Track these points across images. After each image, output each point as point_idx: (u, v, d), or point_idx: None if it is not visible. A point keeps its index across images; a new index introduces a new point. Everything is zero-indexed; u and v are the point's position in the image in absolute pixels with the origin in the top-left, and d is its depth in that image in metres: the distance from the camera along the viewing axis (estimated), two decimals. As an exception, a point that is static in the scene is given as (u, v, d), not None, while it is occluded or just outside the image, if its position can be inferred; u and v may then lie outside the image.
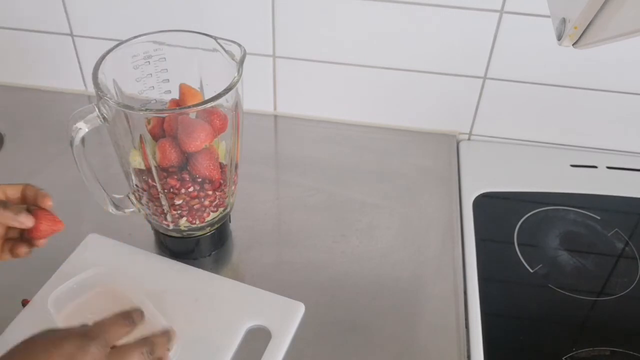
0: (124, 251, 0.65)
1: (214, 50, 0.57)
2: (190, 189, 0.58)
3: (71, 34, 0.84)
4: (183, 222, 0.61)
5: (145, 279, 0.62)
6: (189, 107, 0.55)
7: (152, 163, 0.56)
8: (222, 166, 0.59)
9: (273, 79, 0.84)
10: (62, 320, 0.56)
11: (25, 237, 0.52)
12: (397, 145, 0.84)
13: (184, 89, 0.58)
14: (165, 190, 0.57)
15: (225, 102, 0.54)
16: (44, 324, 0.56)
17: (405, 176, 0.78)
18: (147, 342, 0.47)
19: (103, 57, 0.55)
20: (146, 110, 0.52)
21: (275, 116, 0.88)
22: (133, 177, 0.59)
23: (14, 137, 0.82)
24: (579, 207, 0.76)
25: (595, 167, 0.82)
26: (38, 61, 0.88)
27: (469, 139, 0.86)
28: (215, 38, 0.57)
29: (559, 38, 0.38)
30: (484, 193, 0.77)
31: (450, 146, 0.84)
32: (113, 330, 0.46)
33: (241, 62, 0.55)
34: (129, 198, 0.62)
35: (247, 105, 0.61)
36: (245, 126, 0.61)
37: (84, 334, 0.44)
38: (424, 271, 0.66)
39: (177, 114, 0.55)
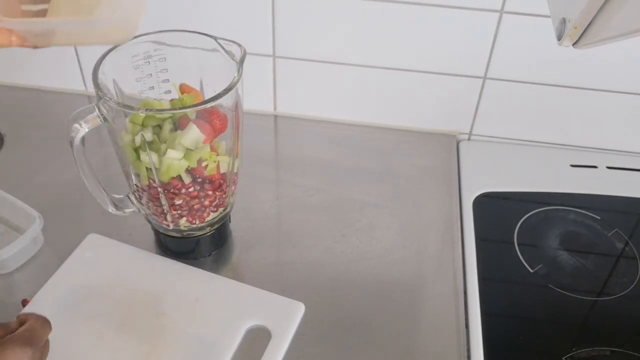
0: (124, 251, 0.65)
1: (214, 50, 0.57)
2: (191, 189, 0.58)
3: (71, 34, 0.84)
4: (183, 222, 0.61)
5: (145, 279, 0.62)
6: (189, 107, 0.55)
7: (152, 163, 0.56)
8: (222, 166, 0.59)
9: (273, 79, 0.84)
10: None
11: None
12: (397, 146, 0.84)
13: (184, 89, 0.58)
14: (165, 190, 0.57)
15: (225, 102, 0.54)
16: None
17: (405, 176, 0.78)
18: (28, 335, 0.48)
19: (103, 57, 0.55)
20: (146, 110, 0.52)
21: (275, 116, 0.88)
22: (133, 177, 0.59)
23: (14, 137, 0.82)
24: (579, 207, 0.76)
25: (595, 167, 0.82)
26: (38, 61, 0.88)
27: (469, 139, 0.86)
28: (215, 38, 0.57)
29: (559, 38, 0.38)
30: (484, 193, 0.77)
31: (450, 146, 0.84)
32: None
33: (241, 62, 0.55)
34: (129, 198, 0.62)
35: (247, 105, 0.61)
36: (245, 126, 0.61)
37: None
38: (424, 271, 0.66)
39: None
